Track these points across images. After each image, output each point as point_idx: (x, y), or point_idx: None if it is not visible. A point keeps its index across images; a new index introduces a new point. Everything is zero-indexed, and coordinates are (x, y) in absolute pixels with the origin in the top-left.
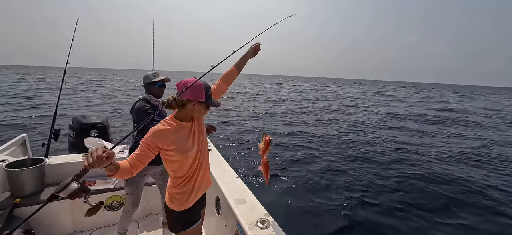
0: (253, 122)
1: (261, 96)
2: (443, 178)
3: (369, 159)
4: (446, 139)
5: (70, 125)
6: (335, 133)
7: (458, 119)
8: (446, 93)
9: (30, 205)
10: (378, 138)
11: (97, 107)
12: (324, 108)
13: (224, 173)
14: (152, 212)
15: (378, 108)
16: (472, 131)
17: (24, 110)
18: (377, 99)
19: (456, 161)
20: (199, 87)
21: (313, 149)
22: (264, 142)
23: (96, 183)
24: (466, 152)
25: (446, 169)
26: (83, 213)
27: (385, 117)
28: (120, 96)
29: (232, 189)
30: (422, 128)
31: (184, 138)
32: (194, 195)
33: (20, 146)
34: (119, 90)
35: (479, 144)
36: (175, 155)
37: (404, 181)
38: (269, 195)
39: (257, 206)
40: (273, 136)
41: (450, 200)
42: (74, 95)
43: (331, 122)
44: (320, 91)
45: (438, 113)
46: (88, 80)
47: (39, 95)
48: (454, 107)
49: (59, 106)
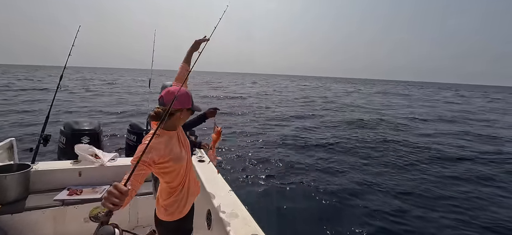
0: (252, 129)
1: (261, 99)
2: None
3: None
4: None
5: (61, 130)
6: (334, 137)
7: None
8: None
9: (11, 214)
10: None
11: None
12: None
13: (217, 185)
14: (139, 224)
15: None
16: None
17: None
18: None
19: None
20: (186, 95)
21: (306, 158)
22: (216, 132)
23: (83, 191)
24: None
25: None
26: (65, 223)
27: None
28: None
29: (224, 203)
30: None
31: (176, 146)
32: (189, 200)
33: (7, 151)
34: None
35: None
36: (171, 165)
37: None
38: (262, 210)
39: (249, 221)
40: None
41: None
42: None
43: (324, 125)
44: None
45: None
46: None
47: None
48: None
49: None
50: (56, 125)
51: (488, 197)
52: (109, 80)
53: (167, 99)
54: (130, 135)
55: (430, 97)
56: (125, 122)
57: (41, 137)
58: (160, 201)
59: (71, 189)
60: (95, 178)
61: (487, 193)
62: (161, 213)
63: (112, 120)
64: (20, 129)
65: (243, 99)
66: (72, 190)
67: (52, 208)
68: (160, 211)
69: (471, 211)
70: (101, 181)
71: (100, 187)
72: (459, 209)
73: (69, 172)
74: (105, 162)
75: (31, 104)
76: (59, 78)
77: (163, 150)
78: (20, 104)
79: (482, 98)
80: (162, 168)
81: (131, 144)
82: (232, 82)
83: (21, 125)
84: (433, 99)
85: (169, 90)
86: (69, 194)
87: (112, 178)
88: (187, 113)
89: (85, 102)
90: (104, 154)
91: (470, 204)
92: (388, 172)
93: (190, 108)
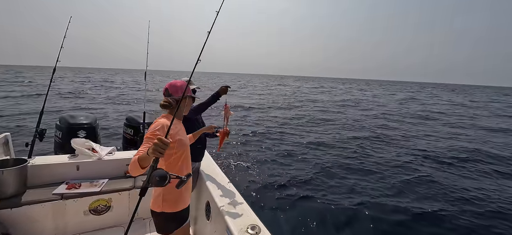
0: (248, 123)
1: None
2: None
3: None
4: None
5: (57, 124)
6: (332, 138)
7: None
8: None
9: (10, 208)
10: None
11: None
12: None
13: (215, 177)
14: (139, 216)
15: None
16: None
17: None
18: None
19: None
20: (185, 85)
21: (310, 153)
22: (226, 108)
23: (81, 185)
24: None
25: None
26: (65, 216)
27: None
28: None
29: (223, 194)
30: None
31: (183, 132)
32: (186, 188)
33: (2, 146)
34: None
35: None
36: (179, 148)
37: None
38: (260, 201)
39: (248, 212)
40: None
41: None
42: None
43: (323, 125)
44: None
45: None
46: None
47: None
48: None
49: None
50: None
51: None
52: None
53: (171, 90)
54: (127, 129)
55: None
56: (122, 115)
57: (37, 131)
58: (160, 190)
59: (70, 183)
60: (93, 171)
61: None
62: (160, 202)
63: (108, 113)
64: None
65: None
66: (70, 184)
67: (51, 202)
68: (159, 200)
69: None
70: (99, 174)
71: (98, 180)
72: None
73: (67, 166)
74: (103, 155)
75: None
76: (52, 71)
77: (173, 129)
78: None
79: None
80: (170, 148)
81: (128, 137)
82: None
83: (15, 121)
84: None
85: (172, 83)
86: (67, 188)
87: (110, 172)
88: (190, 100)
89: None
90: (101, 147)
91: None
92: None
93: (192, 96)
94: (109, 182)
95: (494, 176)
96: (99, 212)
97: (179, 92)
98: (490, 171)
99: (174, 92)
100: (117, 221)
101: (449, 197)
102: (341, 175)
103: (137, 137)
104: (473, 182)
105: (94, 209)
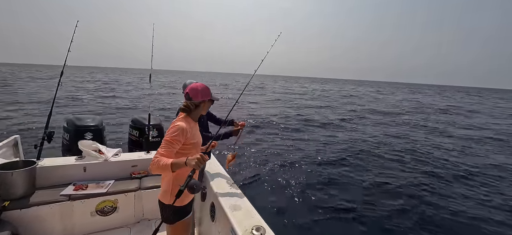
0: (252, 125)
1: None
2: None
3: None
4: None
5: (64, 127)
6: (332, 138)
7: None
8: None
9: (20, 209)
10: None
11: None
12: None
13: (220, 178)
14: (145, 217)
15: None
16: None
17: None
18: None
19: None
20: (206, 88)
21: (313, 155)
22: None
23: (88, 187)
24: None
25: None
26: (73, 217)
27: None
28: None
29: (228, 195)
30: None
31: (197, 132)
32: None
33: (12, 147)
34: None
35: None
36: (192, 148)
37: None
38: (265, 202)
39: (252, 213)
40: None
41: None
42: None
43: (330, 126)
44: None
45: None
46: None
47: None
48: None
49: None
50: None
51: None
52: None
53: (192, 94)
54: (132, 130)
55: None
56: (127, 117)
57: (45, 134)
58: (171, 183)
59: (77, 185)
60: (100, 173)
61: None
62: (169, 194)
63: (113, 115)
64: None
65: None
66: (78, 185)
67: (59, 203)
68: (169, 193)
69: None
70: (105, 176)
71: (105, 182)
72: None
73: (74, 167)
74: (109, 157)
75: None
76: (59, 74)
77: (189, 133)
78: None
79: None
80: (185, 149)
81: (133, 139)
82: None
83: (23, 123)
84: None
85: (192, 87)
86: (75, 189)
87: (116, 173)
88: (208, 103)
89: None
90: (107, 149)
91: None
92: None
93: (210, 99)
94: (115, 183)
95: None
96: (105, 213)
97: (199, 96)
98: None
99: (194, 96)
100: (123, 222)
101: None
102: (348, 177)
103: (143, 138)
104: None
105: (100, 210)
